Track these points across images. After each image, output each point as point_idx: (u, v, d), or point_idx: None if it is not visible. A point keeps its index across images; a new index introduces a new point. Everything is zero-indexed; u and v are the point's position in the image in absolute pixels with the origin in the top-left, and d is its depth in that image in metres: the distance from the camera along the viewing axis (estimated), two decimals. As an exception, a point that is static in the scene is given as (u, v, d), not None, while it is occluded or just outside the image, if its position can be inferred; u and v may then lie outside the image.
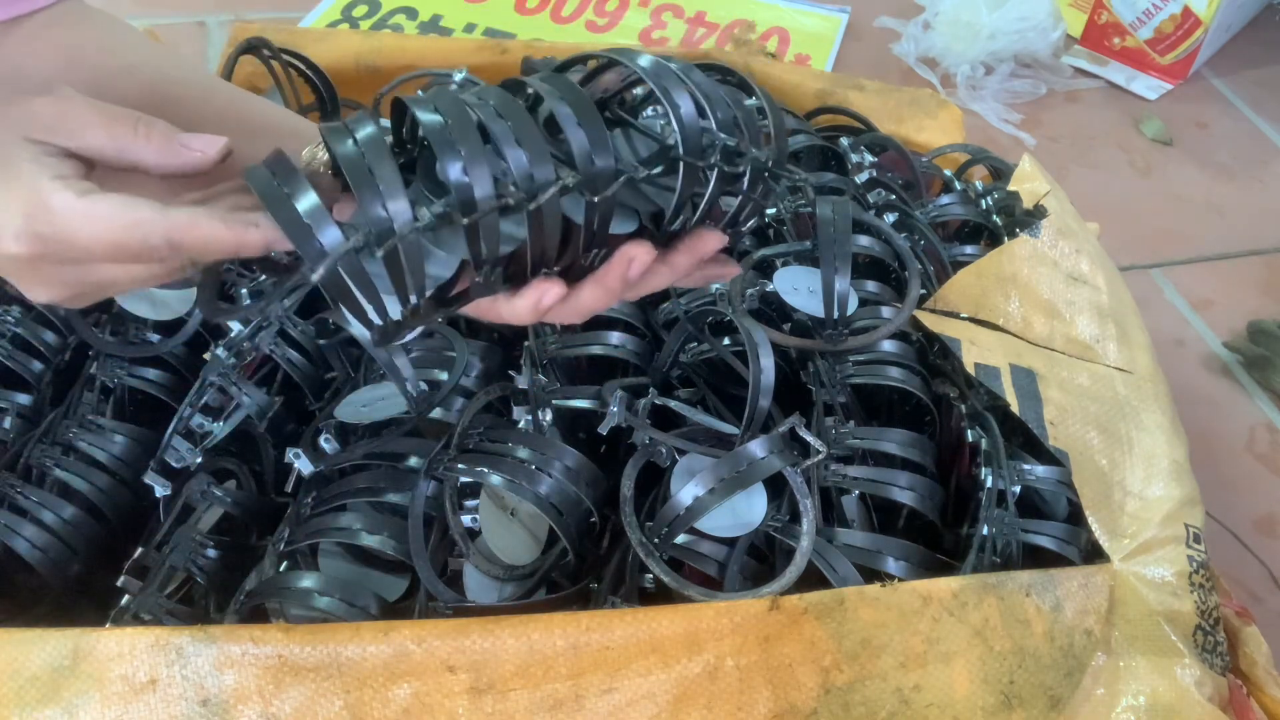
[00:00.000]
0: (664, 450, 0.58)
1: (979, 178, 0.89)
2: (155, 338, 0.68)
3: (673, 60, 0.43)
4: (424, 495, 0.57)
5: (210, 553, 0.59)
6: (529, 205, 0.39)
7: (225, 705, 0.46)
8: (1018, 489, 0.59)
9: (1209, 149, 1.25)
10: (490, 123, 0.39)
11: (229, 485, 0.63)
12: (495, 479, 0.56)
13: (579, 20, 1.37)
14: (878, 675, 0.50)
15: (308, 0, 1.35)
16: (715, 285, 0.65)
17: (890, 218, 0.74)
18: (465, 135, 0.38)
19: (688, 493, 0.55)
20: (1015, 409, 0.60)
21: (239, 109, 0.54)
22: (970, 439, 0.61)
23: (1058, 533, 0.59)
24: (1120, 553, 0.56)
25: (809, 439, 0.57)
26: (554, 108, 0.40)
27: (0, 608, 0.61)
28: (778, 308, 0.67)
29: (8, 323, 0.67)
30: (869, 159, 0.81)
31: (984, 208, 0.80)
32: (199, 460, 0.63)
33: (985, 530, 0.57)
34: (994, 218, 0.79)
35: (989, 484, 0.59)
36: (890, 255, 0.70)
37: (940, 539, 0.62)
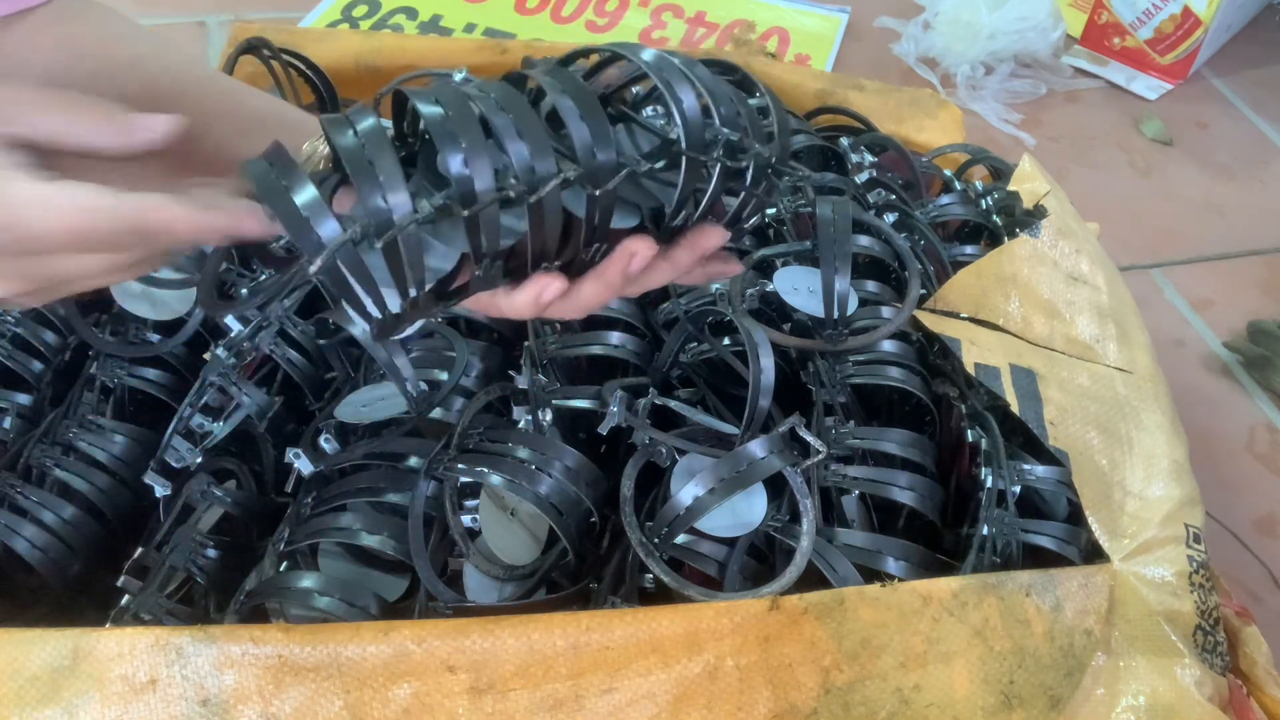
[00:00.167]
0: (664, 450, 0.58)
1: (979, 178, 0.89)
2: (155, 338, 0.68)
3: (676, 55, 0.43)
4: (424, 495, 0.57)
5: (210, 553, 0.59)
6: (530, 198, 0.39)
7: (225, 705, 0.46)
8: (1018, 489, 0.59)
9: (1209, 149, 1.25)
10: (492, 115, 0.39)
11: (229, 485, 0.63)
12: (495, 479, 0.56)
13: (579, 20, 1.37)
14: (878, 675, 0.50)
15: (308, 0, 1.35)
16: (715, 285, 0.65)
17: (890, 218, 0.74)
18: (466, 127, 0.38)
19: (688, 493, 0.55)
20: (1015, 409, 0.60)
21: (239, 102, 0.54)
22: (970, 439, 0.61)
23: (1058, 533, 0.59)
24: (1120, 553, 0.56)
25: (809, 439, 0.57)
26: (556, 101, 0.40)
27: (0, 608, 0.61)
28: (778, 308, 0.67)
29: (8, 323, 0.67)
30: (869, 159, 0.81)
31: (984, 208, 0.80)
32: (199, 460, 0.63)
33: (985, 530, 0.57)
34: (994, 218, 0.79)
35: (989, 484, 0.59)
36: (890, 255, 0.70)
37: (940, 539, 0.62)
